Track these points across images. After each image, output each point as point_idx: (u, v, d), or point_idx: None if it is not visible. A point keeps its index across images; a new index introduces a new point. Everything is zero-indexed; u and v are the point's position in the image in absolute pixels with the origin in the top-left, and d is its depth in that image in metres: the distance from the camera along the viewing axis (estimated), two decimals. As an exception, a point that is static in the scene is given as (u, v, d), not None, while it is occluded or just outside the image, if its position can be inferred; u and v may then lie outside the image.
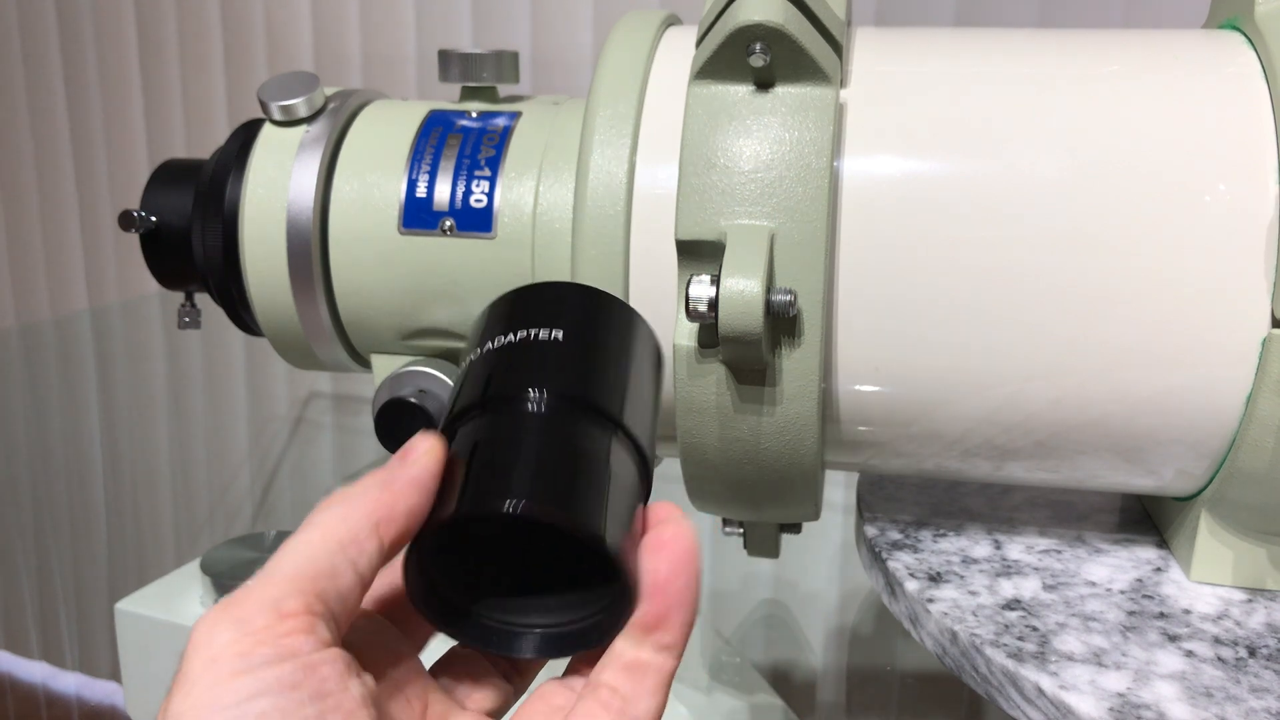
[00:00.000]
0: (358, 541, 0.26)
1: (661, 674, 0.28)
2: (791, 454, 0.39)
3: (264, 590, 0.25)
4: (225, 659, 0.24)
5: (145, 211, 0.50)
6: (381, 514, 0.27)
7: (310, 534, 0.26)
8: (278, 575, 0.25)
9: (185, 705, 0.23)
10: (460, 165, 0.46)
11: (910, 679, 0.57)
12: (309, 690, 0.24)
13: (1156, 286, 0.37)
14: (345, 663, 0.25)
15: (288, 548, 0.26)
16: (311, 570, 0.26)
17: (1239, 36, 0.41)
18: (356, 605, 0.27)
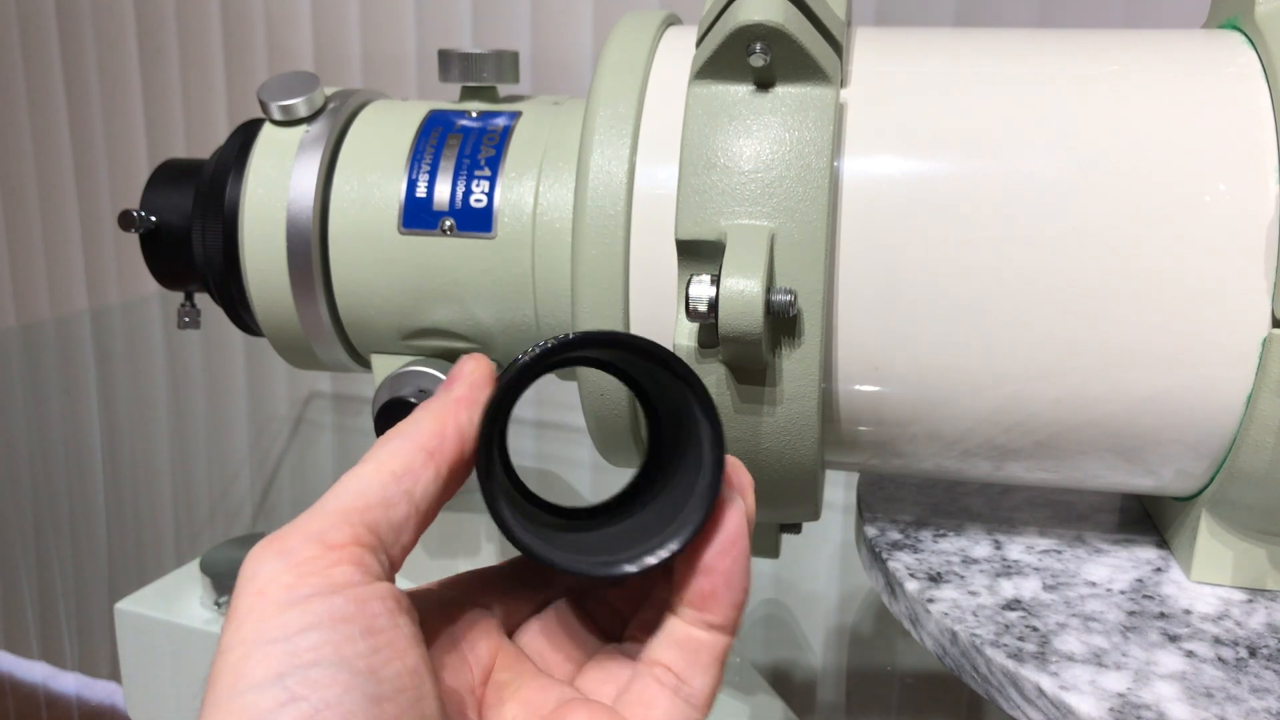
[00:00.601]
0: (412, 471, 0.26)
1: (715, 651, 0.28)
2: (791, 454, 0.39)
3: (310, 522, 0.25)
4: (272, 592, 0.23)
5: (145, 211, 0.50)
6: (433, 441, 0.26)
7: (362, 468, 0.26)
8: (326, 507, 0.25)
9: (235, 639, 0.23)
10: (460, 165, 0.46)
11: (910, 679, 0.57)
12: (360, 625, 0.23)
13: (1156, 286, 0.37)
14: (395, 598, 0.25)
15: (339, 483, 0.26)
16: (361, 502, 0.25)
17: (1239, 36, 0.41)
18: (412, 538, 0.26)
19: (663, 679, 0.28)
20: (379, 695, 0.23)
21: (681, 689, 0.28)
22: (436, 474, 0.26)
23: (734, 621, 0.28)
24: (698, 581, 0.28)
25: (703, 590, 0.28)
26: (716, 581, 0.28)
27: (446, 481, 0.27)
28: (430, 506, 0.26)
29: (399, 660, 0.24)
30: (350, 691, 0.22)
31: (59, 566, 0.79)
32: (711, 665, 0.28)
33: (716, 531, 0.28)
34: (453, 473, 0.27)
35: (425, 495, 0.26)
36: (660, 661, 0.28)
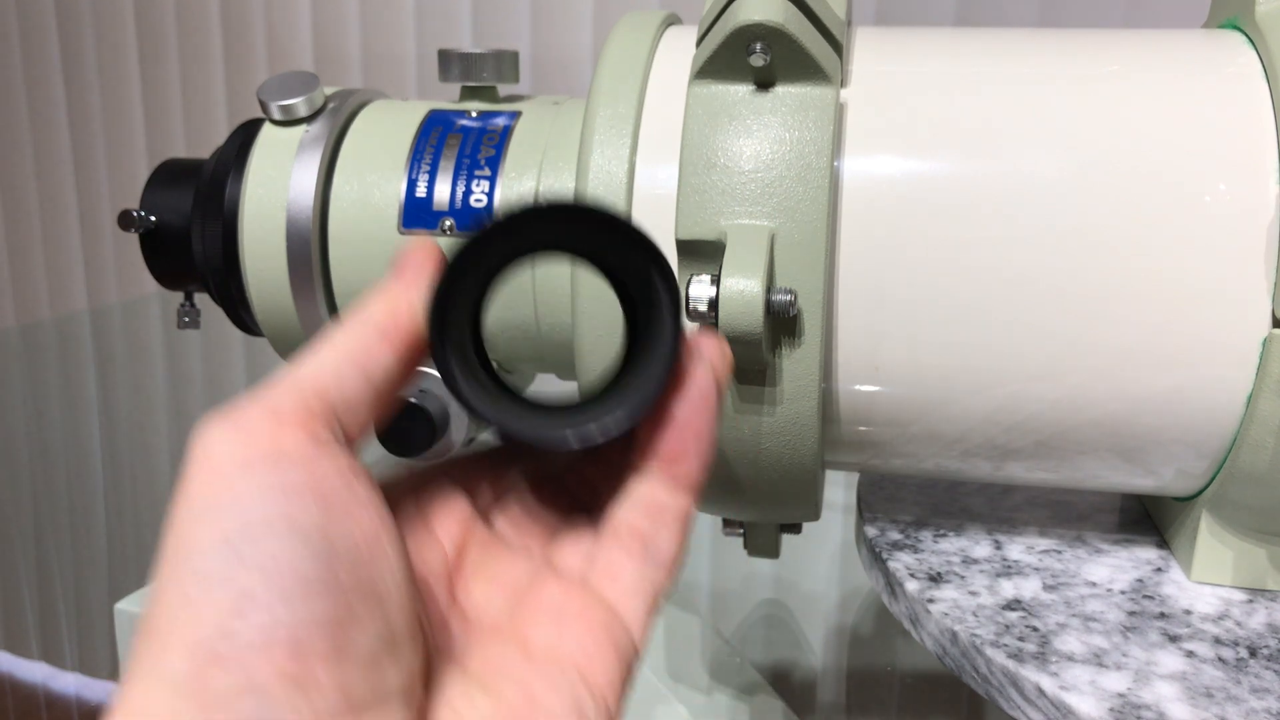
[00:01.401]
0: (367, 350, 0.26)
1: (679, 512, 0.28)
2: (791, 454, 0.39)
3: (260, 395, 0.24)
4: (220, 461, 0.23)
5: (145, 211, 0.50)
6: (386, 320, 0.26)
7: (316, 350, 0.26)
8: (277, 385, 0.25)
9: (183, 509, 0.23)
10: (460, 165, 0.46)
11: (910, 679, 0.57)
12: (311, 491, 0.23)
13: (1157, 286, 0.37)
14: (350, 466, 0.24)
15: (306, 358, 0.26)
16: (313, 379, 0.25)
17: (1239, 36, 0.41)
18: (369, 416, 0.26)
19: (629, 545, 0.28)
20: (331, 558, 0.22)
21: (649, 551, 0.28)
22: (392, 352, 0.26)
23: (698, 481, 0.28)
24: (665, 438, 0.28)
25: (670, 446, 0.28)
26: (686, 436, 0.28)
27: (404, 360, 0.27)
28: (388, 385, 0.26)
29: (354, 525, 0.23)
30: (301, 555, 0.22)
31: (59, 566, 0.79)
32: (677, 527, 0.28)
33: (684, 388, 0.28)
34: (409, 351, 0.27)
35: (381, 373, 0.26)
36: (625, 526, 0.28)
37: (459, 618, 0.27)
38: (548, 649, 0.26)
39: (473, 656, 0.26)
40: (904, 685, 0.57)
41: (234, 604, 0.21)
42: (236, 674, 0.21)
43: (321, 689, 0.22)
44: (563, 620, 0.27)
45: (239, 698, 0.21)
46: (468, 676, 0.26)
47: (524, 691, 0.25)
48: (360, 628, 0.23)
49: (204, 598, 0.21)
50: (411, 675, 0.24)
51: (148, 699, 0.21)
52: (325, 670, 0.22)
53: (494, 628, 0.27)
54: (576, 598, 0.27)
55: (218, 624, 0.21)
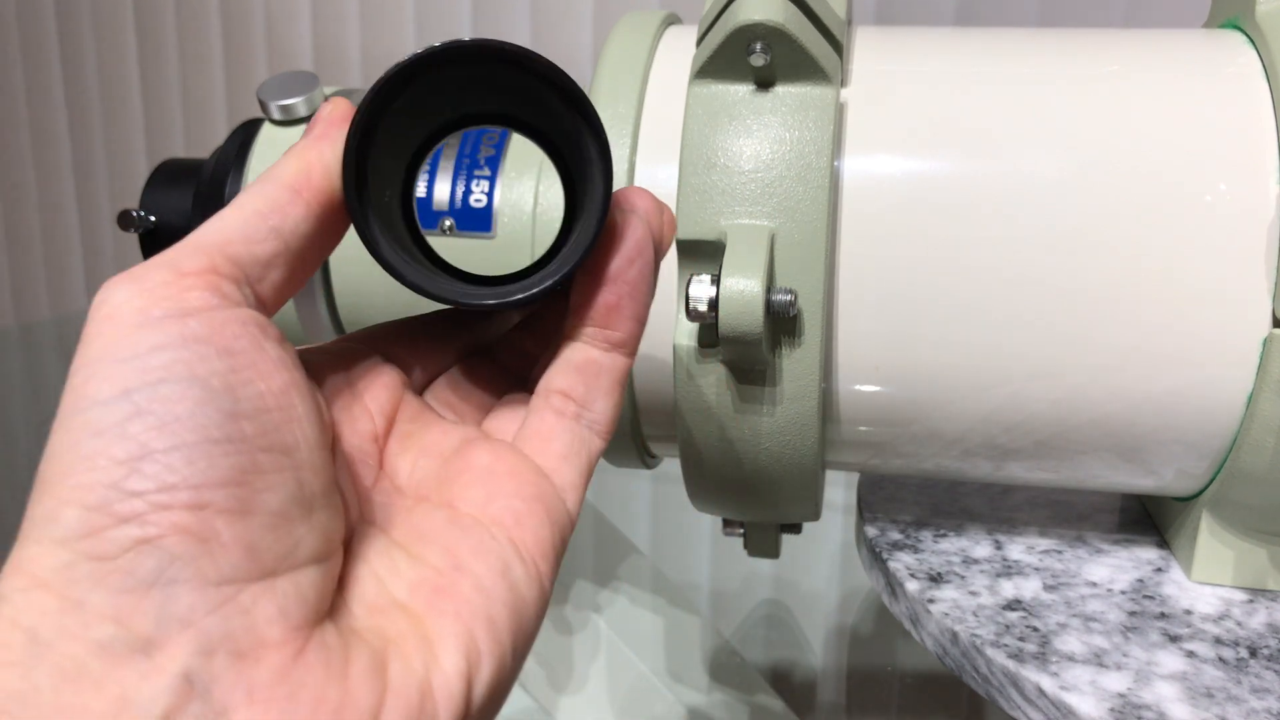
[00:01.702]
0: (279, 208, 0.25)
1: (615, 373, 0.28)
2: (791, 454, 0.39)
3: (163, 254, 0.23)
4: (122, 315, 0.22)
5: (144, 211, 0.50)
6: (299, 177, 0.25)
7: (225, 210, 0.25)
8: (183, 244, 0.24)
9: (81, 361, 0.22)
10: (459, 165, 0.46)
11: (910, 679, 0.57)
12: (216, 345, 0.22)
13: (1157, 286, 0.37)
14: (259, 324, 0.23)
15: (211, 218, 0.25)
16: (221, 237, 0.24)
17: (1240, 36, 0.41)
18: (284, 276, 0.25)
19: (562, 408, 0.27)
20: (235, 412, 0.22)
21: (583, 414, 0.27)
22: (307, 210, 0.25)
23: (635, 338, 0.28)
24: (598, 295, 0.27)
25: (606, 302, 0.27)
26: (621, 291, 0.27)
27: (320, 219, 0.26)
28: (304, 245, 0.25)
29: (262, 381, 0.22)
30: (203, 406, 0.21)
31: (58, 566, 0.79)
32: (612, 388, 0.28)
33: (616, 244, 0.27)
34: (325, 209, 0.26)
35: (296, 232, 0.25)
36: (558, 389, 0.27)
37: (387, 487, 0.27)
38: (475, 512, 0.26)
39: (399, 524, 0.26)
40: (904, 685, 0.57)
41: (130, 457, 0.21)
42: (133, 529, 0.20)
43: (225, 546, 0.21)
44: (492, 483, 0.26)
45: (135, 554, 0.20)
46: (393, 543, 0.25)
47: (449, 555, 0.25)
48: (268, 485, 0.22)
49: (99, 452, 0.21)
50: (328, 539, 0.23)
51: (40, 556, 0.20)
52: (228, 527, 0.21)
53: (422, 496, 0.27)
54: (507, 460, 0.27)
55: (113, 478, 0.20)
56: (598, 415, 0.28)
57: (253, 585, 0.21)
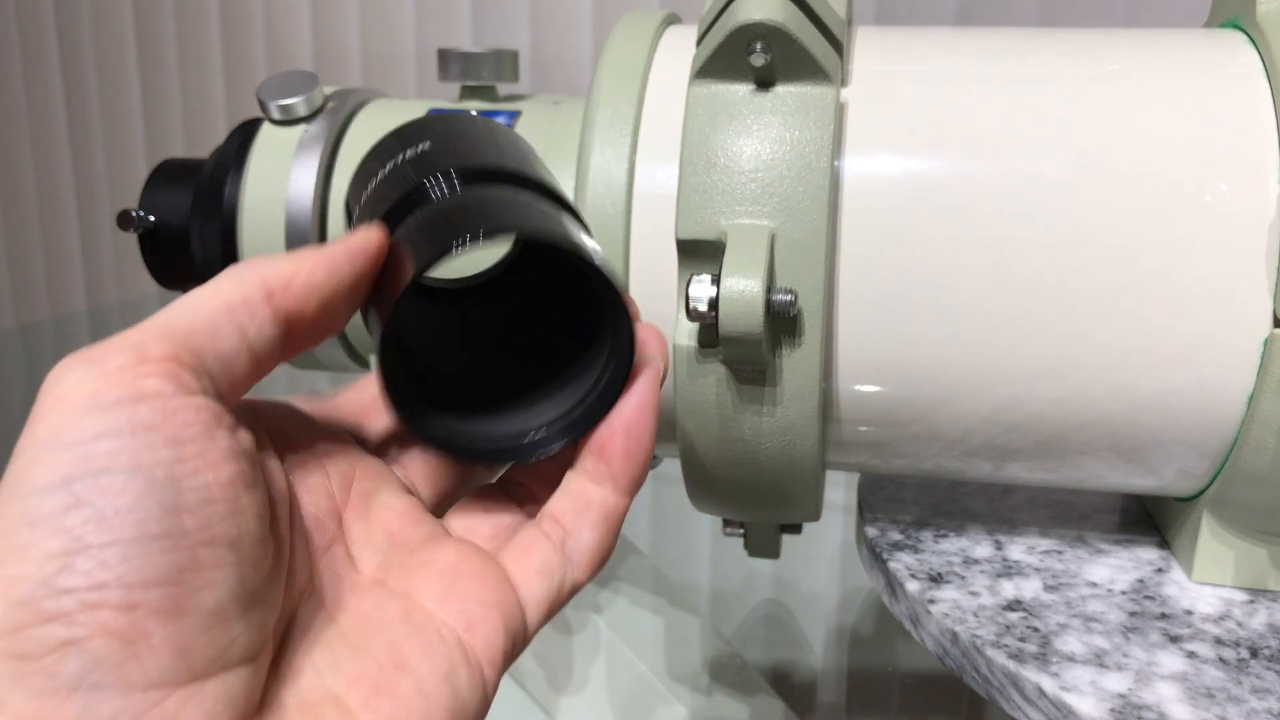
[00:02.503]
0: (248, 305, 0.24)
1: (604, 508, 0.27)
2: (792, 454, 0.39)
3: (128, 334, 0.23)
4: (74, 397, 0.21)
5: (144, 211, 0.50)
6: (277, 281, 0.25)
7: (197, 293, 0.24)
8: (147, 325, 0.23)
9: (27, 443, 0.21)
10: (460, 165, 0.46)
11: (910, 679, 0.57)
12: (164, 434, 0.21)
13: (1157, 286, 0.37)
14: (214, 414, 0.23)
15: (180, 300, 0.24)
16: (186, 324, 0.23)
17: (1240, 36, 0.41)
18: (245, 378, 0.24)
19: (549, 531, 0.27)
20: (178, 505, 0.21)
21: (566, 542, 0.27)
22: (274, 316, 0.24)
23: (632, 479, 0.28)
24: (606, 434, 0.27)
25: (601, 439, 0.27)
26: (628, 436, 0.27)
27: (286, 331, 0.25)
28: (266, 350, 0.25)
29: (209, 472, 0.22)
30: (144, 499, 0.20)
31: (58, 567, 0.79)
32: (600, 523, 0.27)
33: (631, 392, 0.27)
34: (294, 324, 0.25)
35: (260, 335, 0.24)
36: (551, 514, 0.27)
37: (341, 556, 0.26)
38: (430, 607, 0.25)
39: (348, 608, 0.25)
40: (904, 685, 0.57)
41: (64, 551, 0.20)
42: (58, 629, 0.19)
43: (154, 649, 0.20)
44: (453, 581, 0.26)
45: (60, 655, 0.19)
46: (338, 631, 0.24)
47: (394, 651, 0.24)
48: (206, 582, 0.21)
49: (33, 543, 0.20)
50: (263, 635, 0.23)
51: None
52: (160, 628, 0.20)
53: (379, 580, 0.26)
54: (471, 561, 0.26)
55: (43, 573, 0.20)
56: (580, 546, 0.27)
57: (180, 690, 0.20)
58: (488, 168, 0.28)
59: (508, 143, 0.31)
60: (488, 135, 0.30)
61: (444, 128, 0.30)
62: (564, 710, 0.54)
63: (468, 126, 0.30)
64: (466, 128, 0.30)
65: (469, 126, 0.30)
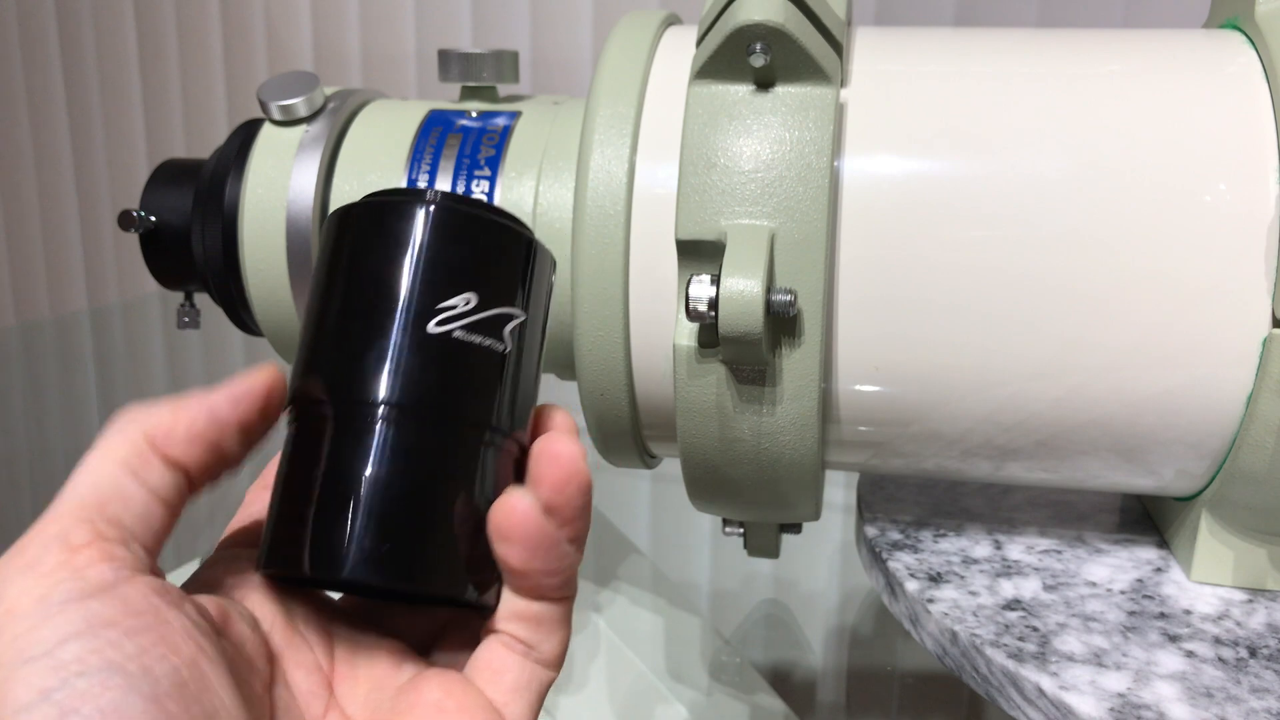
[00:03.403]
0: (141, 457, 0.24)
1: (557, 616, 0.28)
2: (791, 454, 0.39)
3: (49, 526, 0.23)
4: (23, 607, 0.21)
5: (145, 211, 0.50)
6: (159, 432, 0.25)
7: (91, 457, 0.24)
8: (61, 508, 0.23)
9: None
10: (460, 165, 0.46)
11: (910, 679, 0.57)
12: (123, 627, 0.22)
13: (1157, 286, 0.37)
14: (159, 591, 0.23)
15: (73, 474, 0.24)
16: (95, 496, 0.24)
17: (1239, 36, 0.41)
18: (165, 527, 0.25)
19: (510, 645, 0.27)
20: (157, 694, 0.21)
21: (531, 654, 0.27)
22: (166, 465, 0.25)
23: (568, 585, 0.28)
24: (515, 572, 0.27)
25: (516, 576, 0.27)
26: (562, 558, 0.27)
27: (185, 476, 0.25)
28: (174, 495, 0.25)
29: (173, 656, 0.22)
30: (127, 695, 0.21)
31: (59, 566, 0.79)
32: (557, 628, 0.28)
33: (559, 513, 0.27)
34: (188, 469, 0.25)
35: (164, 484, 0.25)
36: (506, 631, 0.28)
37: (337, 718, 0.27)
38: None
39: None
40: (904, 685, 0.57)
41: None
42: None
43: None
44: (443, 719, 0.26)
45: None
46: None
47: None
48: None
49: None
50: None
51: None
52: None
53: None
54: (457, 696, 0.26)
55: None
56: (546, 653, 0.28)
57: None
58: (456, 415, 0.26)
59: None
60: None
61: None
62: (564, 710, 0.54)
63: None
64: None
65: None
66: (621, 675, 0.56)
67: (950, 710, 0.55)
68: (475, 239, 0.27)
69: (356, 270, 0.26)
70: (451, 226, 0.26)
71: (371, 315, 0.26)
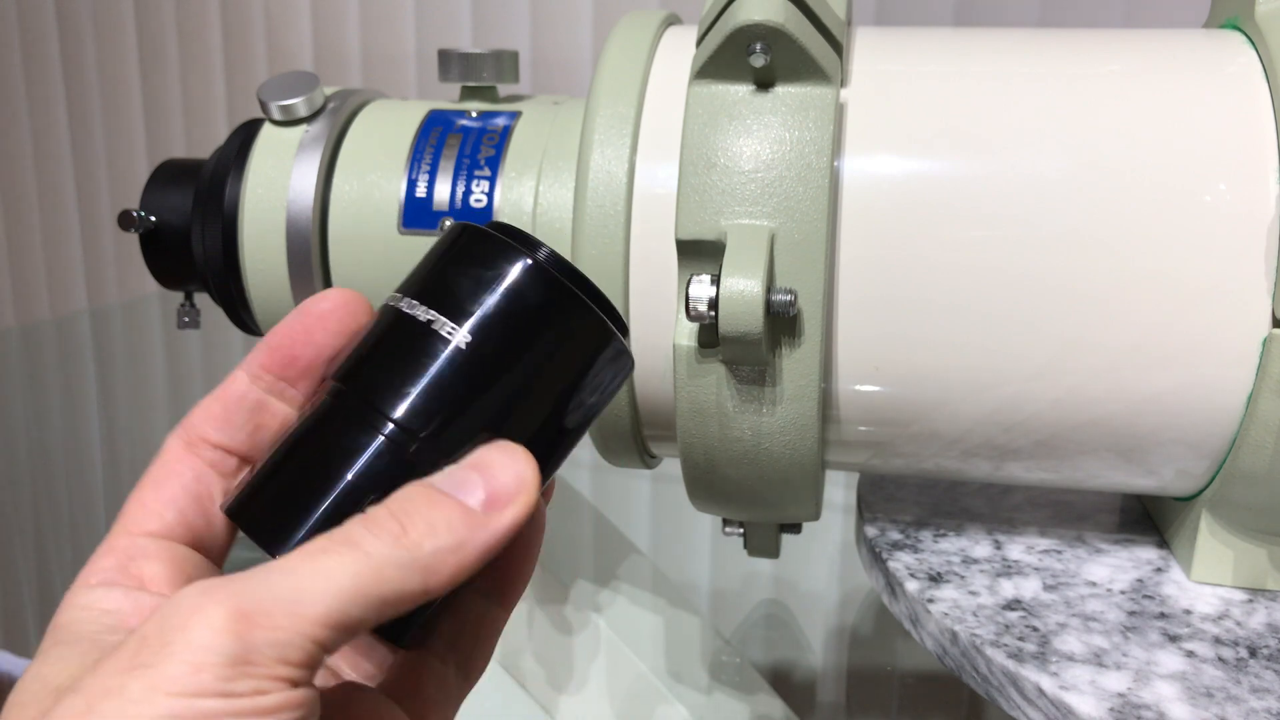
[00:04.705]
0: (400, 602, 0.23)
1: (499, 626, 0.29)
2: (791, 454, 0.39)
3: (284, 624, 0.21)
4: (206, 680, 0.20)
5: (145, 211, 0.50)
6: (436, 583, 0.23)
7: (363, 572, 0.22)
8: (312, 610, 0.22)
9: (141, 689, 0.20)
10: (460, 165, 0.46)
11: (910, 679, 0.57)
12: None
13: (1156, 286, 0.37)
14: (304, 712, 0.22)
15: (334, 572, 0.22)
16: (342, 617, 0.22)
17: (1239, 36, 0.41)
18: None
19: (444, 657, 0.28)
20: None
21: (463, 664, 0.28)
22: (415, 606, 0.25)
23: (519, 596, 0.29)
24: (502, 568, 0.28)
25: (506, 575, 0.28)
26: (523, 566, 0.28)
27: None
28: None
29: None
30: None
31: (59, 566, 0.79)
32: (492, 638, 0.29)
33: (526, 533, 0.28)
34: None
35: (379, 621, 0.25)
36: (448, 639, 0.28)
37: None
38: None
39: None
40: (904, 685, 0.57)
41: None
42: None
43: None
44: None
45: None
46: None
47: None
48: None
49: None
50: None
51: None
52: None
53: None
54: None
55: None
56: (478, 666, 0.29)
57: None
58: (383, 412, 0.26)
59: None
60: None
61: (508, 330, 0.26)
62: (564, 710, 0.54)
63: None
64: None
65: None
66: (621, 675, 0.56)
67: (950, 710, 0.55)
68: (618, 372, 0.28)
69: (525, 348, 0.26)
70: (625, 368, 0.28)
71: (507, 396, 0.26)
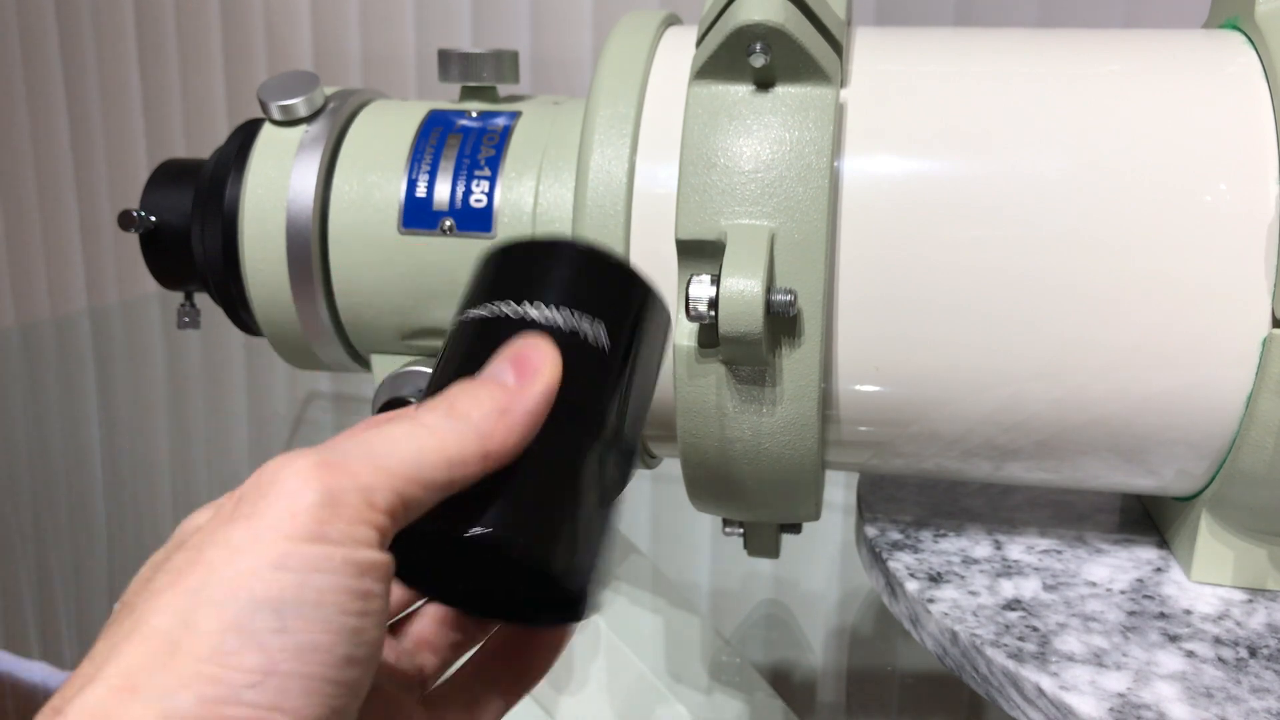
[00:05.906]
0: (465, 464, 0.25)
1: None
2: (791, 454, 0.39)
3: (365, 473, 0.23)
4: (300, 518, 0.22)
5: (145, 211, 0.50)
6: (493, 446, 0.25)
7: (425, 437, 0.25)
8: (386, 462, 0.24)
9: (247, 539, 0.22)
10: (460, 165, 0.46)
11: (910, 679, 0.57)
12: (361, 588, 0.22)
13: (1157, 286, 0.37)
14: (389, 573, 0.24)
15: (403, 437, 0.24)
16: (415, 474, 0.24)
17: (1239, 36, 0.41)
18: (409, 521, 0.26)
19: None
20: (353, 657, 0.22)
21: None
22: (481, 472, 0.25)
23: None
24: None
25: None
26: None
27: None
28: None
29: (375, 630, 0.23)
30: (337, 644, 0.22)
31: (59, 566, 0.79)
32: None
33: None
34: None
35: (450, 489, 0.25)
36: None
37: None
38: None
39: None
40: (904, 685, 0.57)
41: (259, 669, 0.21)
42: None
43: None
44: None
45: None
46: None
47: None
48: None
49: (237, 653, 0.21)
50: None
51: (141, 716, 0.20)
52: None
53: None
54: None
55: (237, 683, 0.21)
56: None
57: None
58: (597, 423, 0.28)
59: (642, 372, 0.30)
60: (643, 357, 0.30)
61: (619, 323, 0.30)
62: (564, 710, 0.54)
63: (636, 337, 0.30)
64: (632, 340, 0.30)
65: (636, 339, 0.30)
66: (621, 675, 0.56)
67: (950, 710, 0.55)
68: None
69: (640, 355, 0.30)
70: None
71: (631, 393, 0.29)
